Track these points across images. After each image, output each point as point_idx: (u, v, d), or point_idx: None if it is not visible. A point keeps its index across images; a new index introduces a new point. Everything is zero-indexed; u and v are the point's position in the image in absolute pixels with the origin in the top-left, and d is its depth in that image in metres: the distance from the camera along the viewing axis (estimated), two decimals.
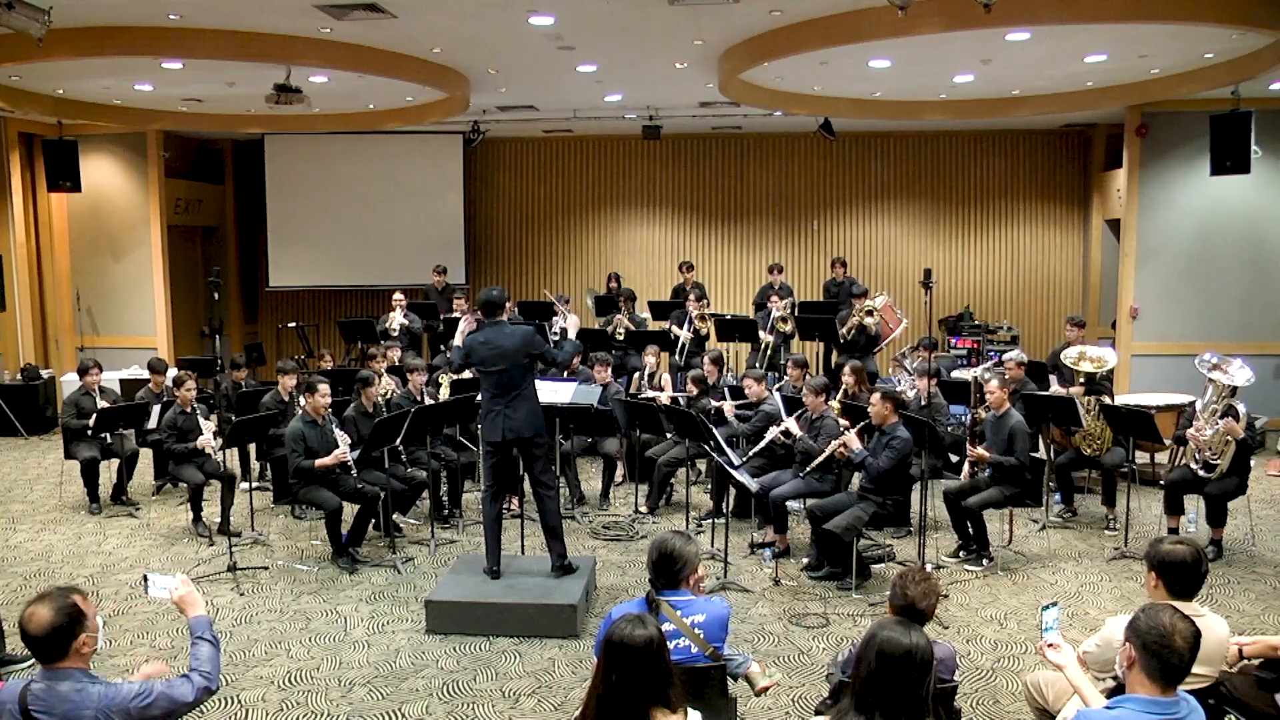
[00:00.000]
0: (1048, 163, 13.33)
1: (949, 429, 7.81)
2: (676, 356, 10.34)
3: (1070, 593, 6.07)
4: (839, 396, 7.64)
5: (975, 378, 7.94)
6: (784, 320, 10.32)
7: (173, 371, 8.41)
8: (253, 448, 8.36)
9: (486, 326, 5.80)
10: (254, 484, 8.20)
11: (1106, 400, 7.42)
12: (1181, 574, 3.25)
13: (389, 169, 13.49)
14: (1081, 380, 7.65)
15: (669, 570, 3.41)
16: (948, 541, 6.86)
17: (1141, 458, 8.17)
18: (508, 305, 5.92)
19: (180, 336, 12.71)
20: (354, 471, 6.61)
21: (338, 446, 6.56)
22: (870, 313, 9.95)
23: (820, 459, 6.34)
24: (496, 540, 5.86)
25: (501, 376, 5.66)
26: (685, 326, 10.38)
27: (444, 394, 8.40)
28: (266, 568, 6.60)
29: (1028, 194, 13.37)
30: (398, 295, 10.78)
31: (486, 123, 12.44)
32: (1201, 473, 6.59)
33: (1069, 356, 7.70)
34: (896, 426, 6.15)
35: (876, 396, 6.22)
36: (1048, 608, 3.28)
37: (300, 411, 6.80)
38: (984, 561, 6.49)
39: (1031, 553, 6.83)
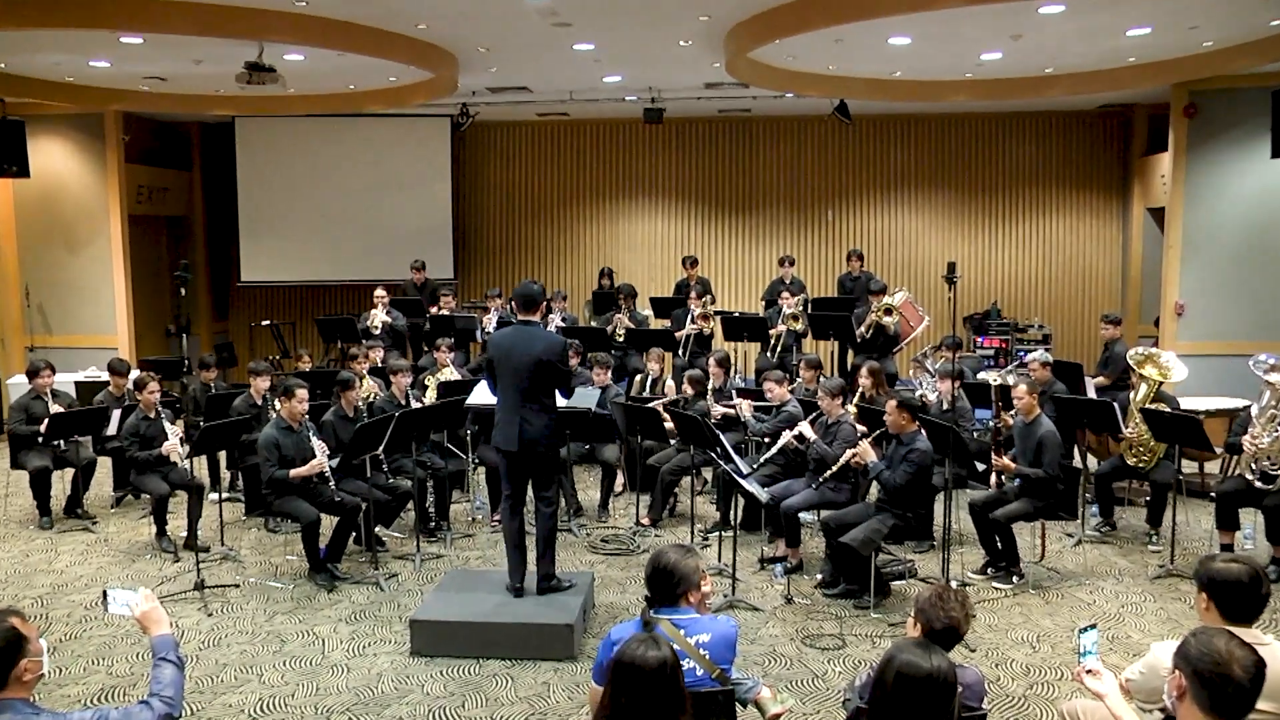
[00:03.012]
0: (1083, 147, 13.32)
1: (974, 435, 7.80)
2: (680, 355, 10.33)
3: (1110, 614, 6.04)
4: (855, 400, 7.63)
5: (994, 382, 7.90)
6: (795, 318, 10.31)
7: (135, 373, 8.40)
8: (223, 456, 8.34)
9: (517, 324, 5.76)
10: (224, 495, 8.18)
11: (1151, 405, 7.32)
12: (1237, 595, 3.17)
13: (371, 155, 13.49)
14: (1133, 382, 7.46)
15: (665, 587, 3.39)
16: (974, 557, 6.83)
17: (1188, 467, 8.12)
18: (542, 304, 5.87)
19: (143, 335, 12.68)
20: (333, 481, 6.59)
21: (315, 454, 6.54)
22: (889, 310, 9.94)
23: (835, 468, 6.32)
24: (521, 555, 5.84)
25: (521, 381, 5.61)
26: (688, 323, 10.37)
27: (430, 397, 8.39)
28: (237, 586, 6.57)
29: (1061, 181, 13.36)
30: (380, 291, 10.77)
31: (476, 105, 12.43)
32: (1259, 484, 6.51)
33: (1134, 356, 7.53)
34: (916, 435, 6.13)
35: (892, 405, 6.20)
36: (1085, 630, 3.25)
37: (275, 416, 6.78)
38: (1014, 579, 6.46)
39: (1066, 570, 6.80)
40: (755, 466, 6.82)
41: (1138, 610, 6.11)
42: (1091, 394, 8.36)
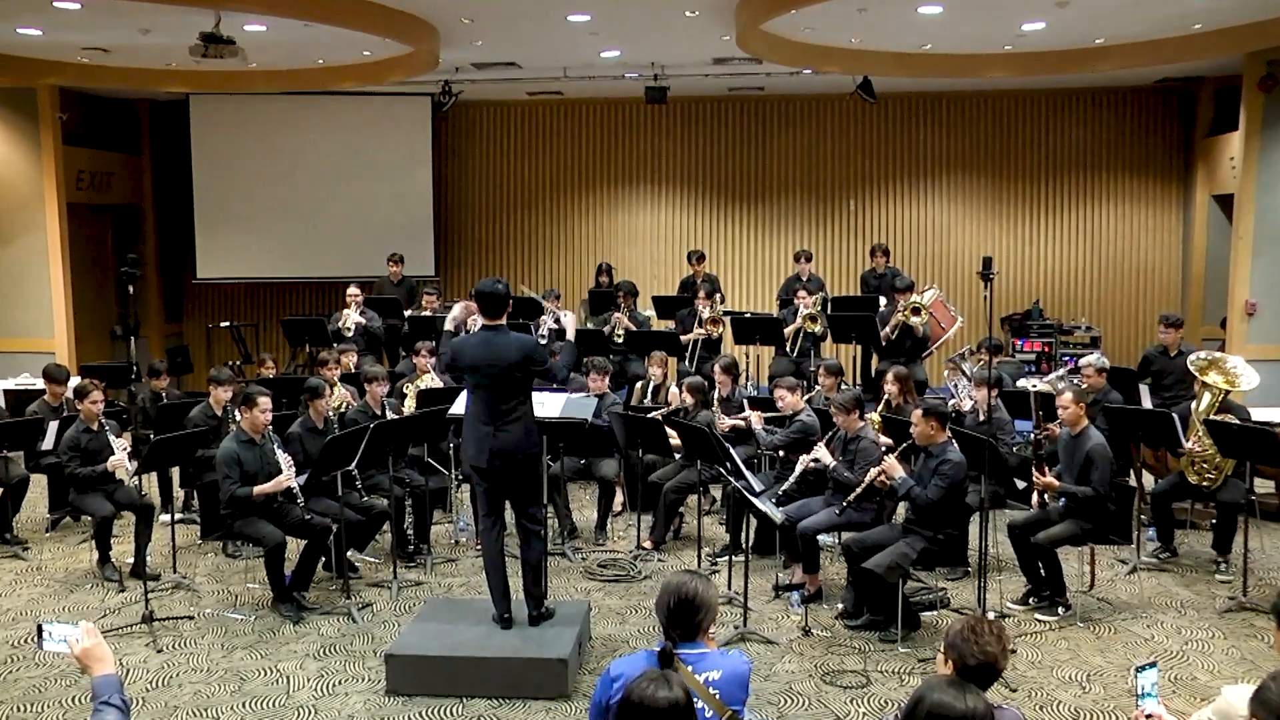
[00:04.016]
0: (1139, 127, 13.31)
1: (1014, 449, 7.79)
2: (686, 362, 10.33)
3: (1172, 652, 6.01)
4: (879, 409, 7.62)
5: (1034, 390, 7.88)
6: (813, 319, 10.31)
7: (75, 380, 8.38)
8: (176, 472, 8.32)
9: (482, 329, 5.78)
10: (176, 516, 8.16)
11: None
12: None
13: (342, 138, 13.51)
14: (1198, 390, 7.42)
15: (689, 619, 3.37)
16: (1014, 585, 6.82)
17: (1261, 486, 8.09)
18: (509, 306, 5.89)
19: (85, 338, 12.67)
20: (300, 500, 6.59)
21: (280, 470, 6.53)
22: (917, 310, 9.94)
23: (858, 491, 6.30)
24: (503, 581, 5.83)
25: (492, 391, 5.64)
26: (695, 326, 10.37)
27: (409, 406, 8.38)
28: (192, 618, 6.56)
29: (1113, 166, 13.36)
30: (353, 290, 10.76)
31: (460, 83, 12.45)
32: None
33: (1196, 362, 7.50)
34: (946, 447, 6.11)
35: (918, 414, 6.19)
36: (1143, 669, 3.24)
37: (235, 428, 6.77)
38: (1059, 610, 6.44)
39: (1120, 600, 6.78)
40: (776, 496, 6.78)
41: (1204, 648, 6.06)
42: (1147, 403, 8.35)
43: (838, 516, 6.55)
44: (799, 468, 6.81)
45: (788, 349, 10.39)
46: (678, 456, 7.96)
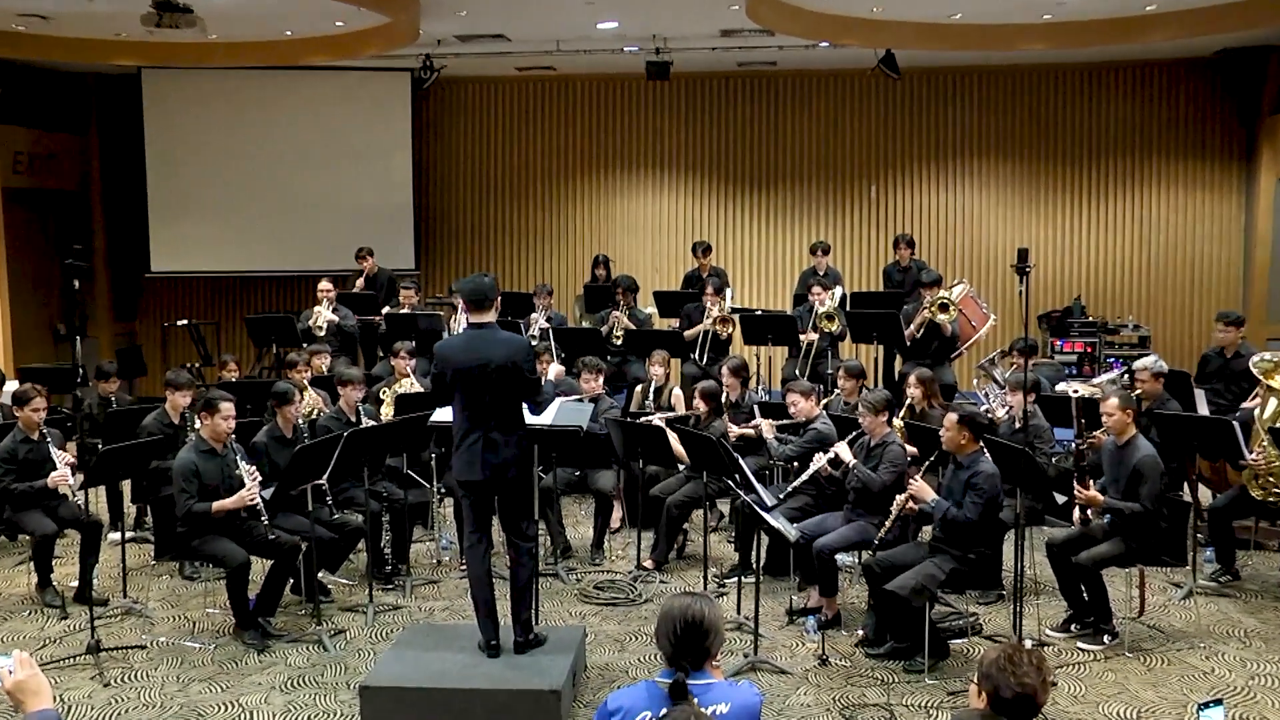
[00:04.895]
0: (1194, 103, 13.28)
1: (1053, 459, 7.78)
2: (695, 359, 10.31)
3: (1237, 688, 5.96)
4: (902, 414, 7.61)
5: (1075, 394, 7.87)
6: (829, 318, 10.28)
7: (12, 385, 8.37)
8: (127, 486, 8.30)
9: (469, 328, 5.79)
10: (128, 534, 8.13)
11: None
12: None
13: (313, 119, 13.52)
14: (1262, 395, 7.35)
15: (698, 645, 3.35)
16: (1053, 610, 6.79)
17: None
18: (497, 301, 5.92)
19: (24, 338, 12.62)
20: (265, 516, 6.57)
21: (244, 484, 6.52)
22: (945, 306, 9.93)
23: (890, 523, 6.23)
24: (491, 606, 5.83)
25: (482, 396, 5.64)
26: (704, 321, 10.38)
27: (387, 413, 8.37)
28: (144, 647, 6.52)
29: (1165, 147, 13.33)
30: (325, 284, 10.75)
31: (442, 58, 12.46)
32: None
33: (1259, 364, 7.43)
34: (978, 457, 6.11)
35: (951, 418, 6.18)
36: (1206, 707, 3.23)
37: (193, 437, 6.75)
38: (1105, 638, 6.41)
39: (1174, 628, 6.73)
40: (781, 497, 6.79)
41: (1274, 683, 6.02)
42: (1204, 409, 8.33)
43: (855, 530, 6.52)
44: (813, 466, 6.80)
45: (800, 364, 10.30)
46: (682, 468, 7.95)
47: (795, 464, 7.34)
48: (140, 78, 13.23)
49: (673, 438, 7.53)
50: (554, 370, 9.41)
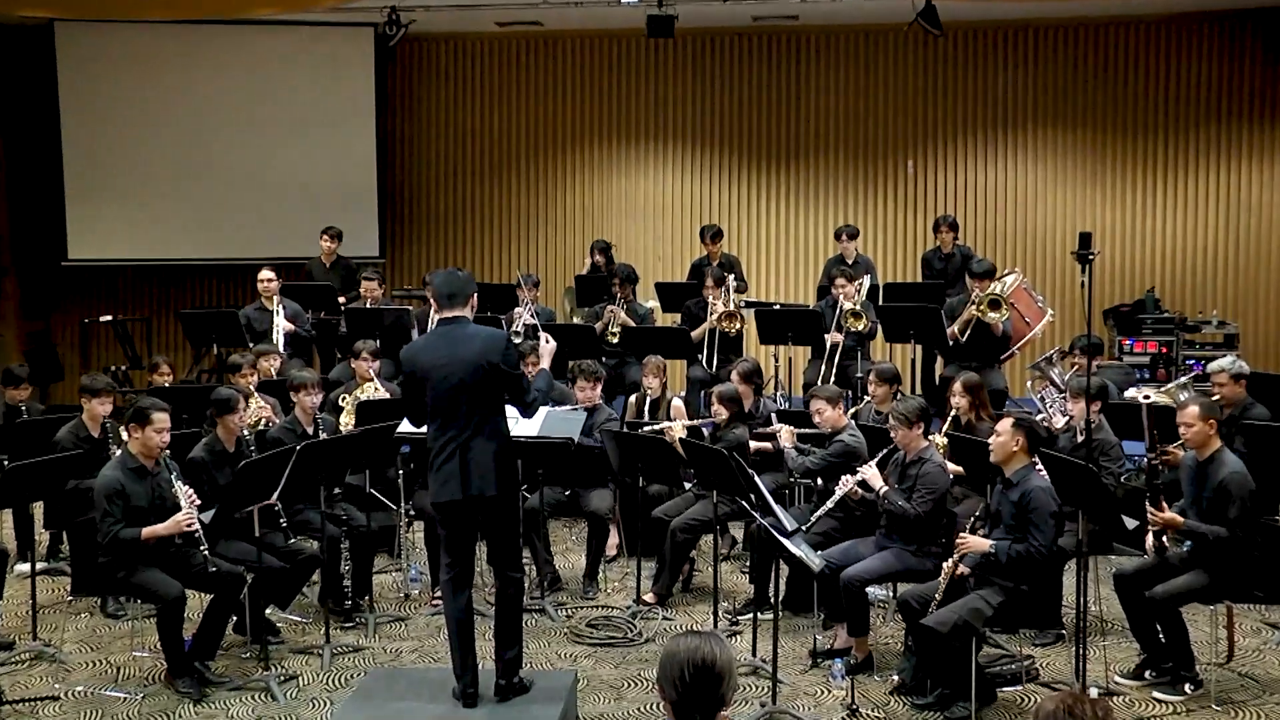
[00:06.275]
0: None
1: (1122, 477, 7.79)
2: (703, 363, 10.31)
3: None
4: (946, 427, 7.61)
5: (1146, 402, 7.86)
6: (856, 315, 10.27)
7: None
8: (39, 509, 8.28)
9: (439, 325, 5.83)
10: (39, 566, 8.11)
11: None
12: None
13: (260, 81, 13.50)
14: None
15: (708, 693, 3.35)
16: (1124, 653, 6.81)
17: None
18: (473, 297, 5.96)
19: None
20: (205, 544, 6.56)
21: (179, 506, 6.50)
22: (996, 304, 9.92)
23: (943, 585, 6.17)
24: (469, 647, 5.83)
25: (456, 402, 5.66)
26: (709, 318, 10.41)
27: (347, 423, 8.37)
28: (56, 698, 6.50)
29: (1256, 115, 13.29)
30: (266, 274, 10.65)
31: (411, 11, 12.46)
32: None
33: None
34: (1028, 473, 6.11)
35: (1006, 422, 6.20)
36: None
37: (119, 452, 6.75)
38: (1186, 687, 6.39)
39: (1269, 677, 6.71)
40: (807, 527, 6.77)
41: None
42: None
43: (889, 559, 6.51)
44: (839, 491, 6.80)
45: (821, 373, 10.26)
46: (688, 486, 7.95)
47: (817, 481, 7.34)
48: (53, 31, 13.10)
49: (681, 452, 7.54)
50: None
